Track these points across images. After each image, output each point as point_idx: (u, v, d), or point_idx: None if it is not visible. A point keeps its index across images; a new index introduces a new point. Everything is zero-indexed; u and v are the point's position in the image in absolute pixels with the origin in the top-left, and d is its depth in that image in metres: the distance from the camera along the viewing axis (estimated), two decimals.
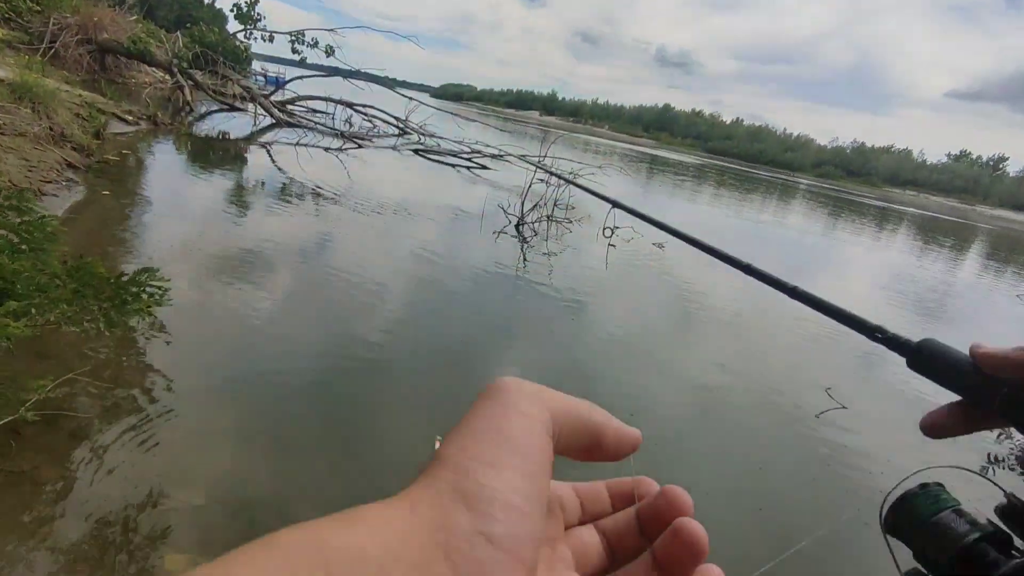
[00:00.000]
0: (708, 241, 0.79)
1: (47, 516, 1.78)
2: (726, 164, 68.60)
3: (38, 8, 13.30)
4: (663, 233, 1.09)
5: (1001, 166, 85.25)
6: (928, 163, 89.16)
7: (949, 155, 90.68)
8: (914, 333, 0.44)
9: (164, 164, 7.80)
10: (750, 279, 0.72)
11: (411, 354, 3.66)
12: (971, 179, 79.93)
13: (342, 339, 3.61)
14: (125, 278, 2.11)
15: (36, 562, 1.64)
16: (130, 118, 9.50)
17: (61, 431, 2.09)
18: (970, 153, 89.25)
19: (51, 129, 6.10)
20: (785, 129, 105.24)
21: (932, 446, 3.82)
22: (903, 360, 0.45)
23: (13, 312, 1.61)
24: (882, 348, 0.49)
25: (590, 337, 4.66)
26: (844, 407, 4.04)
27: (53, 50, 12.50)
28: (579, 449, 0.28)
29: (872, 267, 11.92)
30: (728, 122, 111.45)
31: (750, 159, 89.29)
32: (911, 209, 48.57)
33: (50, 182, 5.01)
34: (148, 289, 2.16)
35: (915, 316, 7.81)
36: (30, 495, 1.82)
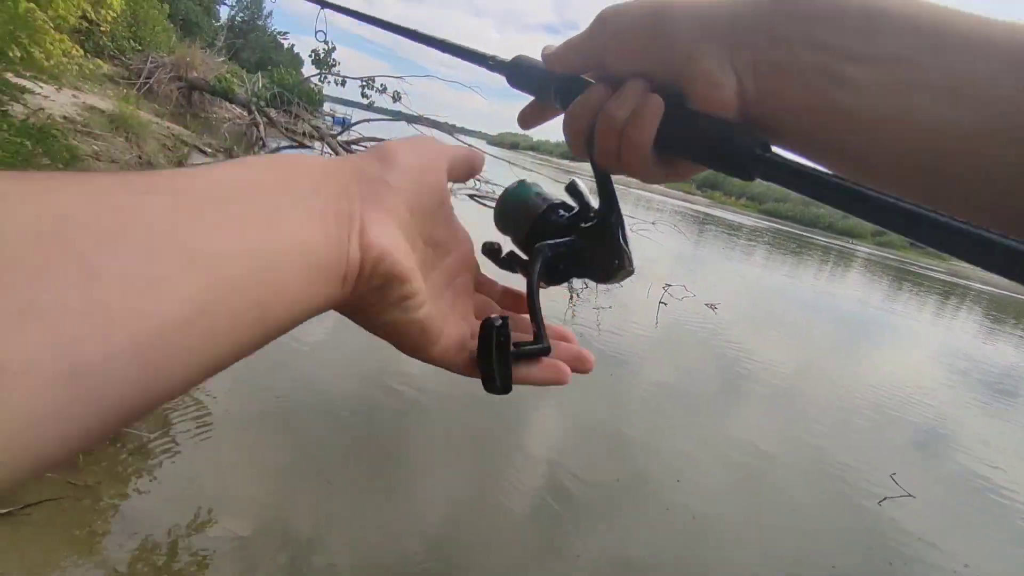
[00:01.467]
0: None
1: (102, 531, 1.82)
2: (781, 226, 67.45)
3: (139, 47, 14.56)
4: (716, 293, 1.09)
5: None
6: None
7: None
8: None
9: None
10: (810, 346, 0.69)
11: (452, 393, 3.65)
12: None
13: (387, 375, 3.64)
14: None
15: None
16: (209, 150, 10.12)
17: (124, 448, 2.16)
18: None
19: (139, 158, 6.55)
20: None
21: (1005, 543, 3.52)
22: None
23: None
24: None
25: (634, 396, 4.55)
26: (911, 495, 3.77)
27: (148, 85, 13.57)
28: (461, 174, 0.38)
29: (932, 343, 11.33)
30: None
31: (807, 223, 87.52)
32: (978, 285, 46.29)
33: None
34: None
35: (976, 395, 7.31)
36: (90, 509, 1.87)
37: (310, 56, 21.19)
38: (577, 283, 7.59)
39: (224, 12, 45.43)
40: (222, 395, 2.79)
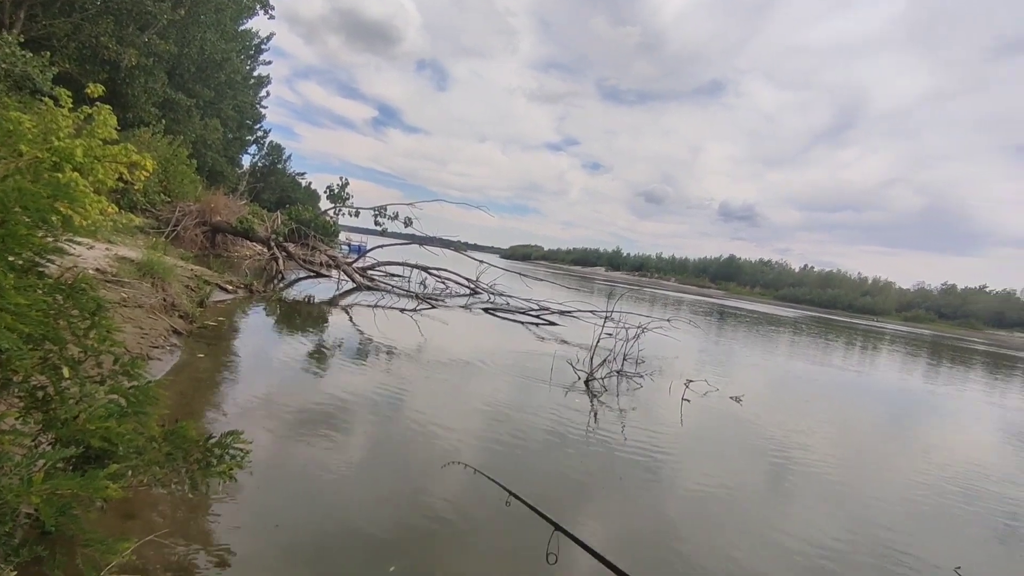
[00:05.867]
0: None
1: None
2: (800, 311, 66.83)
3: (169, 200, 15.69)
4: (740, 385, 1.07)
5: None
6: None
7: None
8: None
9: (255, 327, 8.46)
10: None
11: (484, 512, 3.52)
12: None
13: (413, 497, 3.54)
14: (212, 440, 2.23)
15: None
16: (230, 287, 10.56)
17: None
18: None
19: (164, 300, 6.85)
20: (860, 273, 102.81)
21: None
22: None
23: (113, 474, 1.72)
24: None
25: (671, 497, 4.34)
26: None
27: (175, 232, 14.45)
28: None
29: (982, 419, 10.75)
30: (797, 269, 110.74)
31: (825, 305, 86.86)
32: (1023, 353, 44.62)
33: (158, 347, 5.52)
34: (231, 451, 2.26)
35: None
36: None
37: (325, 192, 22.68)
38: (596, 386, 7.50)
39: (247, 160, 49.12)
40: (238, 533, 2.72)
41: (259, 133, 46.52)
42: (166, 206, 15.60)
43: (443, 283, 17.37)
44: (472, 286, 16.96)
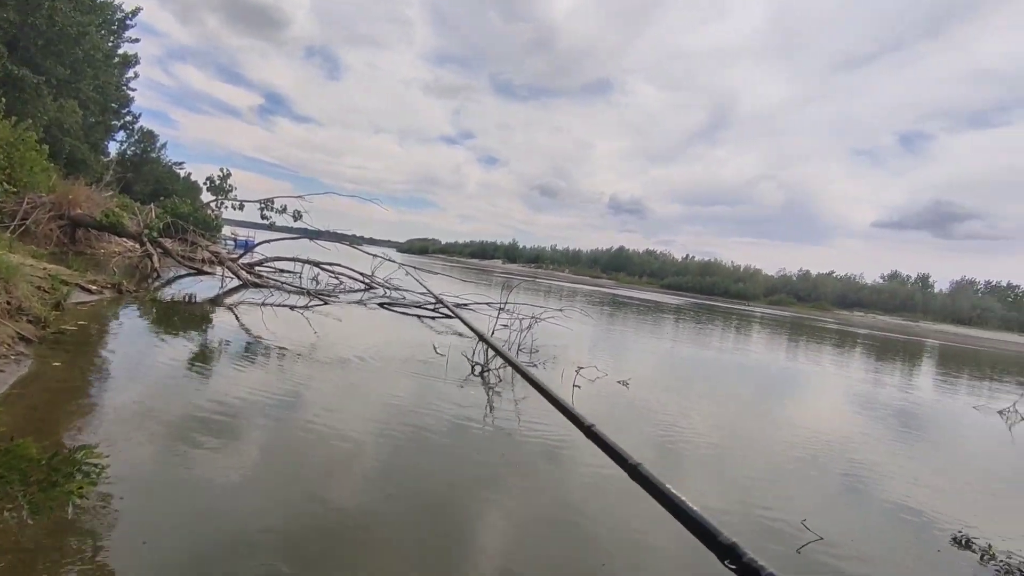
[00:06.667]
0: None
1: None
2: (685, 298, 71.54)
3: (14, 190, 13.90)
4: (626, 370, 1.16)
5: (931, 283, 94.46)
6: (868, 285, 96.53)
7: (883, 276, 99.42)
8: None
9: (125, 331, 7.75)
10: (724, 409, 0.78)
11: (387, 511, 3.49)
12: (907, 296, 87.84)
13: (311, 504, 3.43)
14: (58, 458, 2.04)
15: None
16: (94, 287, 9.59)
17: None
18: (899, 274, 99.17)
19: (8, 303, 6.11)
20: (732, 262, 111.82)
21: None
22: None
23: None
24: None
25: (570, 480, 4.54)
26: (820, 538, 3.94)
27: (24, 227, 12.87)
28: None
29: (833, 389, 12.14)
30: (680, 259, 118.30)
31: (704, 291, 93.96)
32: (863, 330, 50.70)
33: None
34: (83, 467, 2.09)
35: (886, 434, 7.85)
36: None
37: (206, 183, 21.14)
38: (492, 378, 7.63)
39: (114, 147, 44.62)
40: (109, 562, 2.52)
41: (128, 118, 42.46)
42: (11, 197, 13.82)
43: (336, 279, 16.83)
44: (367, 281, 16.56)
